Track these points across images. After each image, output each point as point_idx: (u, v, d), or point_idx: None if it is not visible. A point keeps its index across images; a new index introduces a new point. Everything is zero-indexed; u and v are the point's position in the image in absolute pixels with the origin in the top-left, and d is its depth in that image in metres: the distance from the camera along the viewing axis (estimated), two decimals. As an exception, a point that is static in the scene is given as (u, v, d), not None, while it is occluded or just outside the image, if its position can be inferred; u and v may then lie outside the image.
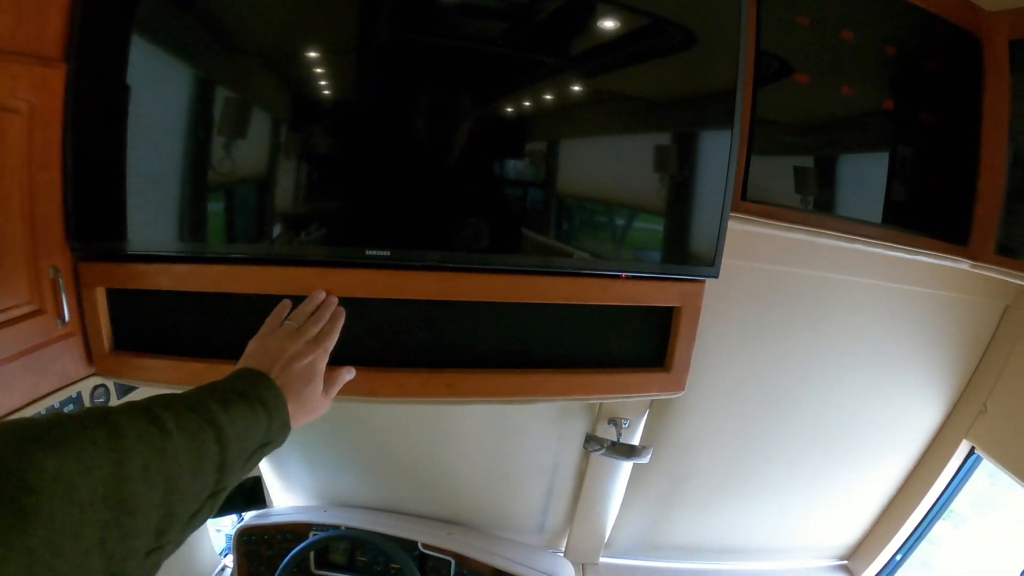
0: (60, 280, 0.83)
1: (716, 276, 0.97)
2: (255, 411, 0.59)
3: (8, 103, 0.74)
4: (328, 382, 0.76)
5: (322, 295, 0.83)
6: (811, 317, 1.49)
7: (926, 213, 1.27)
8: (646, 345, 1.02)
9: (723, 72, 0.97)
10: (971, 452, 1.81)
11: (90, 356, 0.91)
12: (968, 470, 1.86)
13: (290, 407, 0.66)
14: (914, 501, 1.89)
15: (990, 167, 1.26)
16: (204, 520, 0.52)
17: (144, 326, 0.94)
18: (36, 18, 0.78)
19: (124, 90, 0.84)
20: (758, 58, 1.06)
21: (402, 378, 0.96)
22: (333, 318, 0.81)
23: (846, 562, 2.08)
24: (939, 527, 2.06)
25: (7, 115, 0.74)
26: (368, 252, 0.89)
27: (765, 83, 1.08)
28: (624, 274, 0.95)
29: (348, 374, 0.81)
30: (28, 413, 0.81)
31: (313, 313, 0.80)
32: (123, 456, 0.41)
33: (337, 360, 0.94)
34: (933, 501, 1.90)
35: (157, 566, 0.45)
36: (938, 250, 1.27)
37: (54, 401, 0.88)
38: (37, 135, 0.79)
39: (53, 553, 0.34)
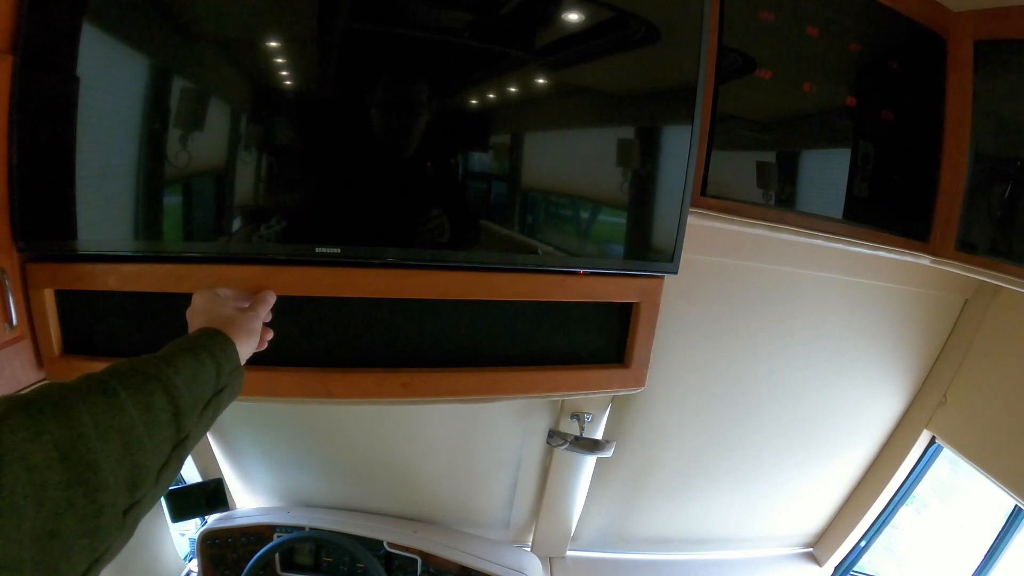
0: (7, 282, 0.80)
1: (675, 272, 0.96)
2: (199, 358, 0.61)
3: (-51, 96, 0.68)
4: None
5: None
6: (773, 311, 1.51)
7: (888, 209, 1.29)
8: (606, 341, 1.02)
9: (684, 67, 0.96)
10: (932, 441, 1.86)
11: (40, 360, 0.88)
12: (929, 459, 1.91)
13: (239, 349, 0.70)
14: (876, 489, 1.94)
15: (952, 165, 1.28)
16: (176, 472, 0.54)
17: (95, 328, 0.91)
18: (-21, 9, 0.73)
19: (73, 81, 0.79)
20: (720, 53, 1.05)
21: (357, 378, 0.94)
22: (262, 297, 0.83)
23: (811, 549, 2.13)
24: (902, 513, 2.12)
25: (-53, 109, 0.68)
26: (318, 249, 0.86)
27: (727, 78, 1.07)
28: (582, 270, 0.94)
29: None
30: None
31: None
32: (70, 416, 0.43)
33: (291, 359, 0.92)
34: (895, 489, 1.95)
35: (137, 521, 0.47)
36: (899, 246, 1.28)
37: (5, 408, 0.84)
38: (-20, 129, 0.73)
39: (19, 516, 0.35)
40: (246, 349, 0.72)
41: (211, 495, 1.71)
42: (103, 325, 0.91)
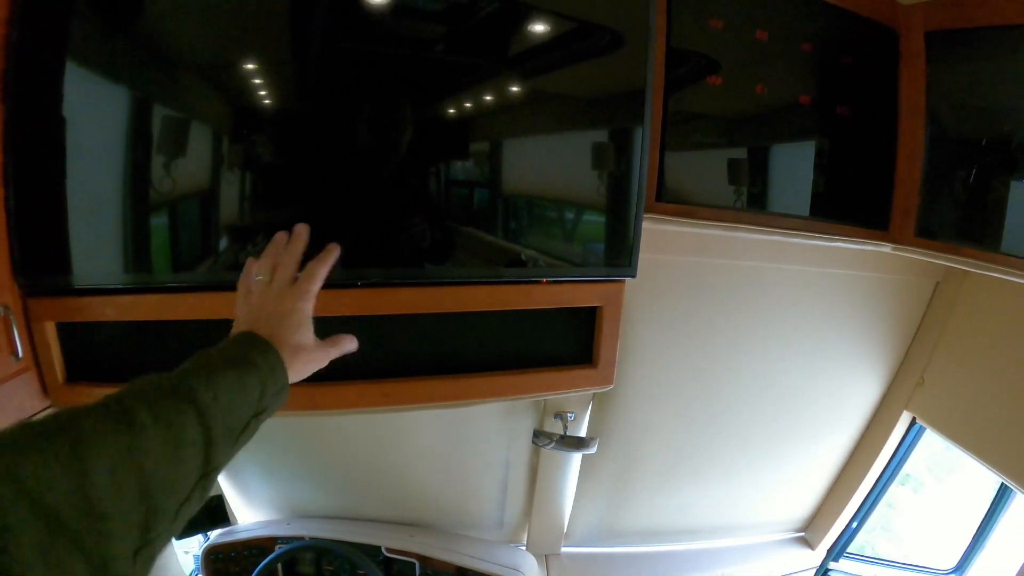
0: (11, 317, 0.83)
1: (634, 276, 1.01)
2: (244, 379, 0.56)
3: (-58, 146, 0.72)
4: (328, 340, 0.70)
5: (284, 236, 0.72)
6: (744, 304, 1.55)
7: (846, 201, 1.33)
8: (573, 343, 1.07)
9: (632, 73, 1.00)
10: (913, 422, 1.90)
11: (45, 389, 0.91)
12: (913, 439, 1.96)
13: (286, 361, 0.62)
14: (862, 472, 1.99)
15: (907, 154, 1.32)
16: (198, 504, 0.50)
17: (96, 356, 0.94)
18: (-35, 61, 0.76)
19: (60, 122, 0.83)
20: (670, 60, 1.10)
21: (340, 390, 0.99)
22: (319, 259, 0.71)
23: (803, 534, 2.17)
24: (899, 493, 2.16)
25: (-58, 158, 0.72)
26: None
27: (678, 85, 1.12)
28: (544, 279, 0.99)
29: (351, 343, 0.73)
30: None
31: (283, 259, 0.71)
32: (86, 466, 0.40)
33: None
34: (880, 470, 2.00)
35: (151, 560, 0.44)
36: (859, 236, 1.33)
37: (16, 437, 0.88)
38: (-25, 176, 0.77)
39: (25, 566, 0.34)
40: (295, 363, 0.64)
41: (212, 511, 1.76)
42: (104, 352, 0.95)
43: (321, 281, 0.70)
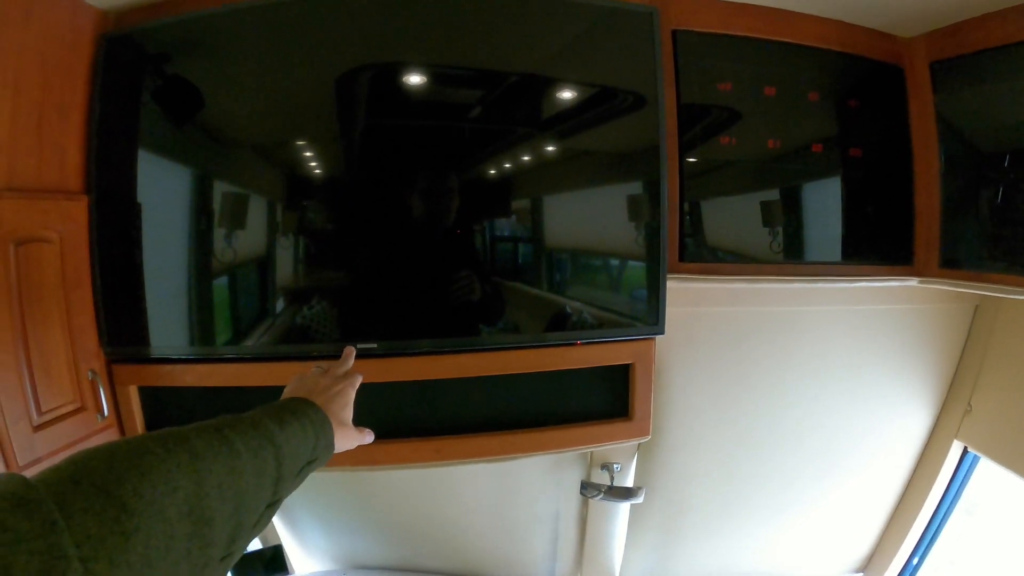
0: (98, 381, 0.98)
1: (662, 333, 1.07)
2: (304, 429, 0.65)
3: (41, 234, 0.90)
4: (360, 428, 0.80)
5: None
6: (777, 348, 1.57)
7: (869, 241, 1.35)
8: (610, 399, 1.13)
9: (647, 146, 1.09)
10: (965, 451, 1.84)
11: None
12: (970, 468, 1.89)
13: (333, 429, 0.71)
14: (917, 507, 1.92)
15: (924, 186, 1.34)
16: (263, 528, 0.57)
17: (172, 416, 1.06)
18: (57, 157, 0.94)
19: (136, 208, 0.99)
20: (682, 129, 1.17)
21: (396, 448, 1.09)
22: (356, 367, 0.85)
23: (862, 574, 2.10)
24: (966, 524, 2.06)
25: (42, 245, 0.90)
26: (359, 346, 1.00)
27: (691, 148, 1.19)
28: (579, 341, 1.05)
29: (370, 436, 0.82)
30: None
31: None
32: (202, 476, 0.46)
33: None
34: (936, 503, 1.93)
35: (227, 570, 0.51)
36: (884, 274, 1.34)
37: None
38: (68, 259, 0.95)
39: (148, 566, 0.38)
40: (337, 434, 0.72)
41: (270, 561, 1.83)
42: (179, 413, 1.07)
43: (360, 379, 0.82)
